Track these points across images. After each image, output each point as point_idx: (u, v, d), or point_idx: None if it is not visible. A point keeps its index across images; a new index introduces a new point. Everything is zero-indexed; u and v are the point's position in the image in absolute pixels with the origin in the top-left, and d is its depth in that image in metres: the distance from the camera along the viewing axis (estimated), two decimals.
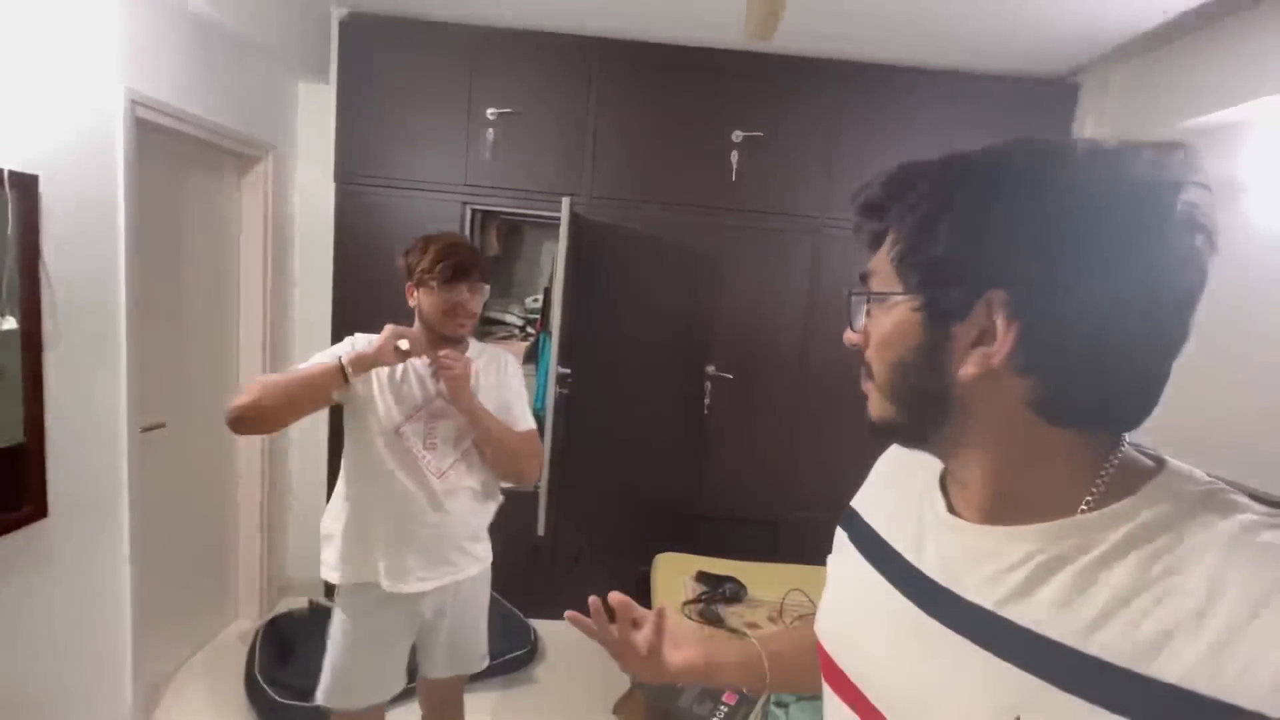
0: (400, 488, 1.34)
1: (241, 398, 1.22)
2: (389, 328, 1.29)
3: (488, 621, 1.56)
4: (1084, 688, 0.38)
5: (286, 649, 2.29)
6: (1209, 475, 0.42)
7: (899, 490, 0.60)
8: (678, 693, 1.31)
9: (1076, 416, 0.43)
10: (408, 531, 1.35)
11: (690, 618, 1.94)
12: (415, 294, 1.39)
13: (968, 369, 0.44)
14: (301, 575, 2.75)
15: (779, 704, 1.58)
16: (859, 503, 0.66)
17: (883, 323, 0.49)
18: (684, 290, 2.56)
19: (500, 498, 1.54)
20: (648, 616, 0.70)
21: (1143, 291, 0.40)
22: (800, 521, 2.65)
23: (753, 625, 1.93)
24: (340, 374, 1.25)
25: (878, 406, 0.51)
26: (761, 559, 2.41)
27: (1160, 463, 0.44)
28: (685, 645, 0.71)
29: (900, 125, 2.47)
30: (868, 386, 0.52)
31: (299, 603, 2.58)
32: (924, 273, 0.45)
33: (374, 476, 1.35)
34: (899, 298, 0.47)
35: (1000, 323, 0.42)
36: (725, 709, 1.27)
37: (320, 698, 1.42)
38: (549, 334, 2.41)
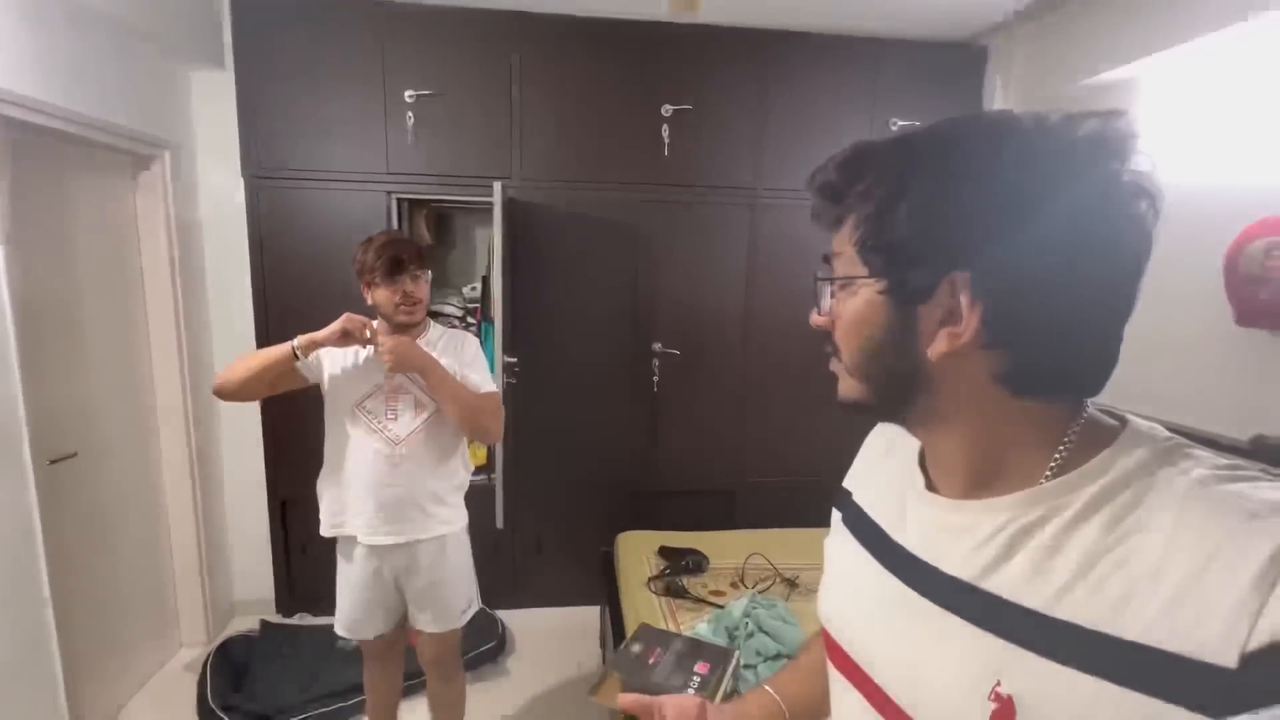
0: (364, 454, 1.53)
1: (220, 374, 1.49)
2: (345, 316, 1.45)
3: (468, 585, 1.70)
4: (1057, 651, 0.39)
5: (240, 673, 2.20)
6: (1168, 431, 0.44)
7: (884, 469, 0.61)
8: (651, 669, 1.34)
9: (1042, 386, 0.45)
10: (372, 492, 1.53)
11: (655, 594, 1.98)
12: (368, 292, 1.55)
13: (936, 348, 0.44)
14: (250, 595, 2.63)
15: (746, 665, 1.64)
16: (850, 482, 0.67)
17: (849, 306, 0.49)
18: (625, 269, 2.54)
19: (469, 466, 1.70)
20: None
21: (1098, 260, 0.41)
22: (754, 487, 2.72)
23: (717, 593, 1.98)
24: (292, 353, 1.45)
25: (847, 386, 0.51)
26: (720, 528, 2.47)
27: (1123, 422, 0.45)
28: None
29: (825, 92, 2.50)
30: (836, 367, 0.52)
31: (250, 623, 2.47)
32: (886, 256, 0.46)
33: (344, 444, 1.55)
34: (863, 281, 0.47)
35: (964, 301, 0.43)
36: (699, 678, 1.30)
37: (336, 627, 1.66)
38: (491, 323, 2.35)
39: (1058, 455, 0.44)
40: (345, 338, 1.45)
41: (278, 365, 1.46)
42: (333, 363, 1.55)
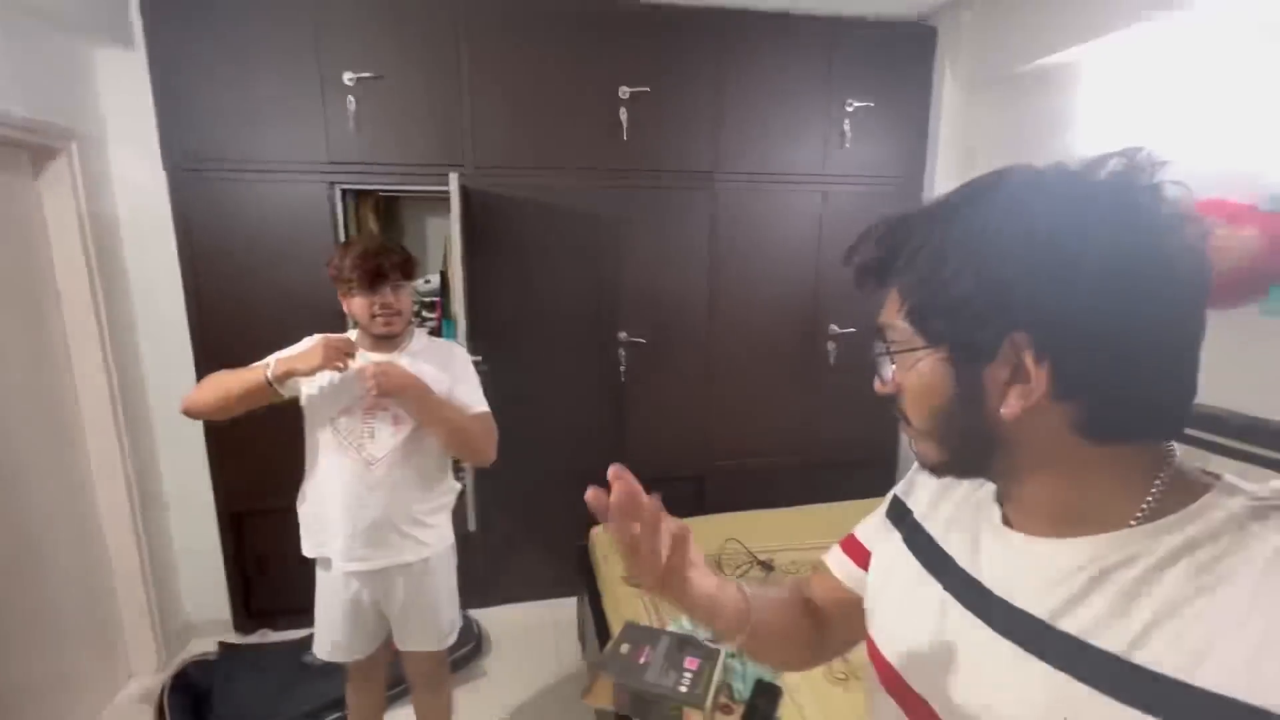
0: (339, 474, 1.45)
1: (190, 395, 1.40)
2: (323, 343, 1.34)
3: (451, 606, 1.64)
4: (1129, 695, 0.39)
5: (201, 698, 2.08)
6: (1262, 493, 0.44)
7: (954, 500, 0.60)
8: (643, 668, 1.32)
9: (1120, 430, 0.44)
10: (349, 515, 1.45)
11: (636, 587, 1.98)
12: (344, 300, 1.47)
13: (1010, 409, 0.44)
14: (204, 615, 2.49)
15: (732, 655, 1.67)
16: (909, 498, 0.66)
17: (912, 376, 0.49)
18: (587, 257, 2.48)
19: (455, 485, 1.63)
20: (661, 524, 0.58)
21: (1155, 296, 0.41)
22: (723, 472, 2.76)
23: None
24: (265, 380, 1.36)
25: (925, 449, 0.52)
26: (691, 514, 2.49)
27: (1216, 479, 0.45)
28: (703, 571, 0.63)
29: (782, 73, 2.48)
30: (909, 431, 0.53)
31: (207, 645, 2.34)
32: (944, 322, 0.46)
33: (320, 463, 1.47)
34: (923, 351, 0.48)
35: (1029, 360, 0.42)
36: (690, 674, 1.29)
37: (315, 649, 1.58)
38: (452, 320, 2.26)
39: (1146, 503, 0.44)
40: (325, 364, 1.34)
41: (253, 393, 1.37)
42: (310, 378, 1.45)
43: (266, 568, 2.43)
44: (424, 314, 2.61)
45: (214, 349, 2.19)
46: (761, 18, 2.42)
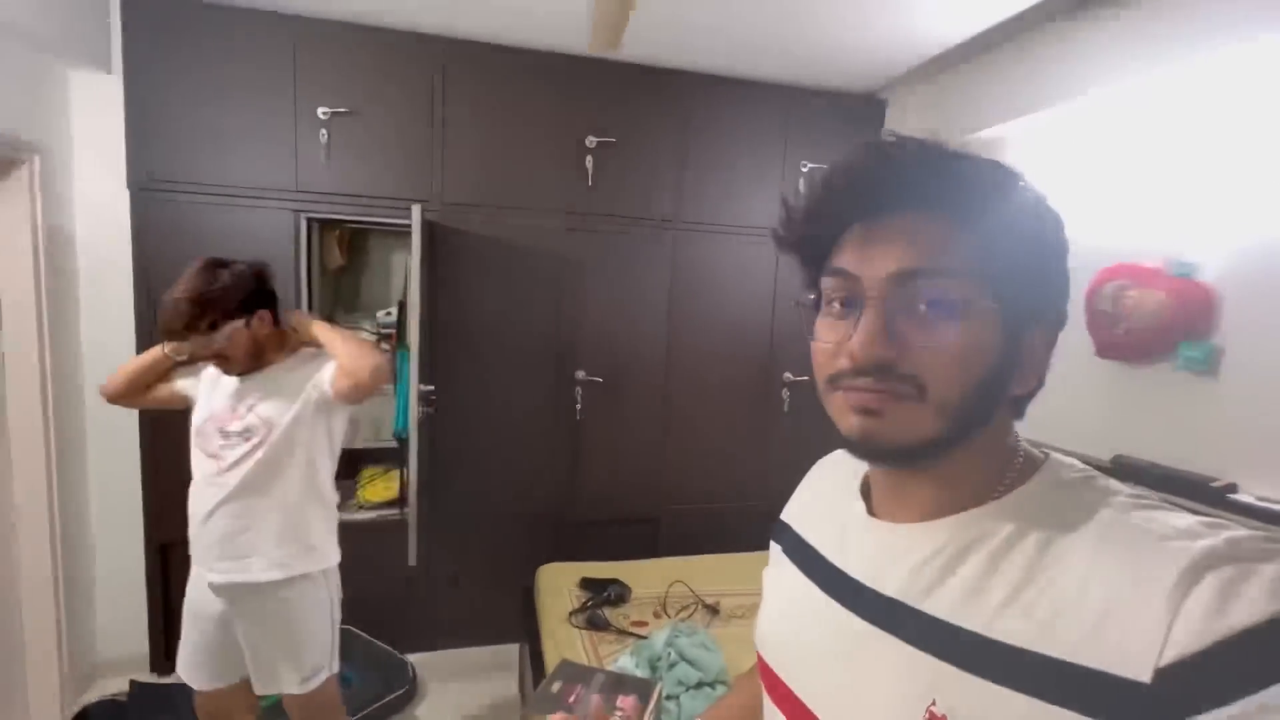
0: (202, 481, 1.46)
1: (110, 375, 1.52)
2: None
3: (318, 646, 1.50)
4: (990, 670, 0.40)
5: None
6: (1082, 463, 0.48)
7: (824, 499, 0.62)
8: (573, 707, 1.29)
9: (1024, 408, 0.49)
10: (205, 521, 1.44)
11: (577, 627, 1.93)
12: None
13: (1029, 383, 0.46)
14: (119, 653, 2.33)
15: (669, 696, 1.63)
16: (789, 515, 0.67)
17: (951, 333, 0.43)
18: (548, 296, 2.53)
19: (331, 504, 1.55)
20: None
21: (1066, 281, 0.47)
22: (677, 515, 2.74)
23: (639, 624, 1.96)
24: (165, 357, 1.48)
25: (923, 425, 0.44)
26: (643, 556, 2.46)
27: (1046, 454, 0.48)
28: None
29: (741, 133, 2.63)
30: (906, 406, 0.44)
31: (119, 684, 2.18)
32: (1014, 281, 0.44)
33: (191, 469, 1.48)
34: (989, 305, 0.43)
35: (1039, 334, 0.46)
36: (621, 714, 1.27)
37: (177, 668, 1.53)
38: (407, 350, 2.26)
39: (1006, 479, 0.46)
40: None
41: (154, 366, 1.48)
42: (196, 384, 1.55)
43: None
44: (381, 345, 2.61)
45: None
46: (723, 82, 2.59)
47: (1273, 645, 0.32)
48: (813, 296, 0.51)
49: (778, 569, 0.64)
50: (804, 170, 2.67)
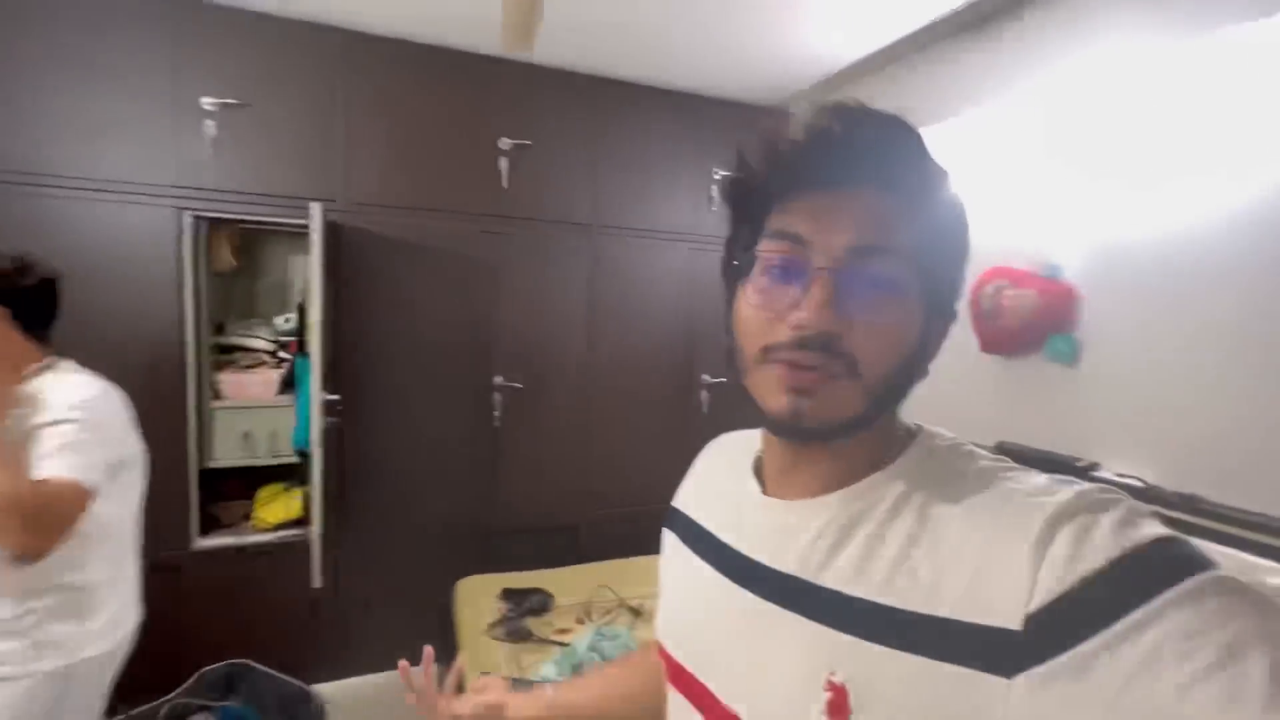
0: None
1: None
2: None
3: None
4: (883, 635, 0.41)
5: None
6: (949, 433, 0.50)
7: (717, 482, 0.62)
8: None
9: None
10: None
11: (498, 640, 1.88)
12: None
13: (925, 371, 0.48)
14: None
15: None
16: (681, 500, 0.67)
17: (892, 314, 0.44)
18: (463, 301, 2.46)
19: (38, 590, 1.13)
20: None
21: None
22: (600, 520, 2.72)
23: (563, 631, 1.93)
24: None
25: (849, 402, 0.44)
26: (567, 564, 2.43)
27: (918, 425, 0.50)
28: (522, 704, 0.72)
29: (655, 139, 2.67)
30: (838, 385, 0.44)
31: None
32: (946, 268, 0.47)
33: None
34: (917, 289, 0.45)
35: (941, 326, 0.49)
36: None
37: None
38: (308, 357, 2.12)
39: (891, 450, 0.48)
40: None
41: None
42: None
43: None
44: (280, 354, 2.44)
45: None
46: (636, 88, 2.62)
47: (1118, 582, 0.35)
48: (748, 255, 0.49)
49: (674, 557, 0.63)
50: (716, 177, 2.75)
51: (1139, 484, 1.51)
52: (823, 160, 0.44)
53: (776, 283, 0.46)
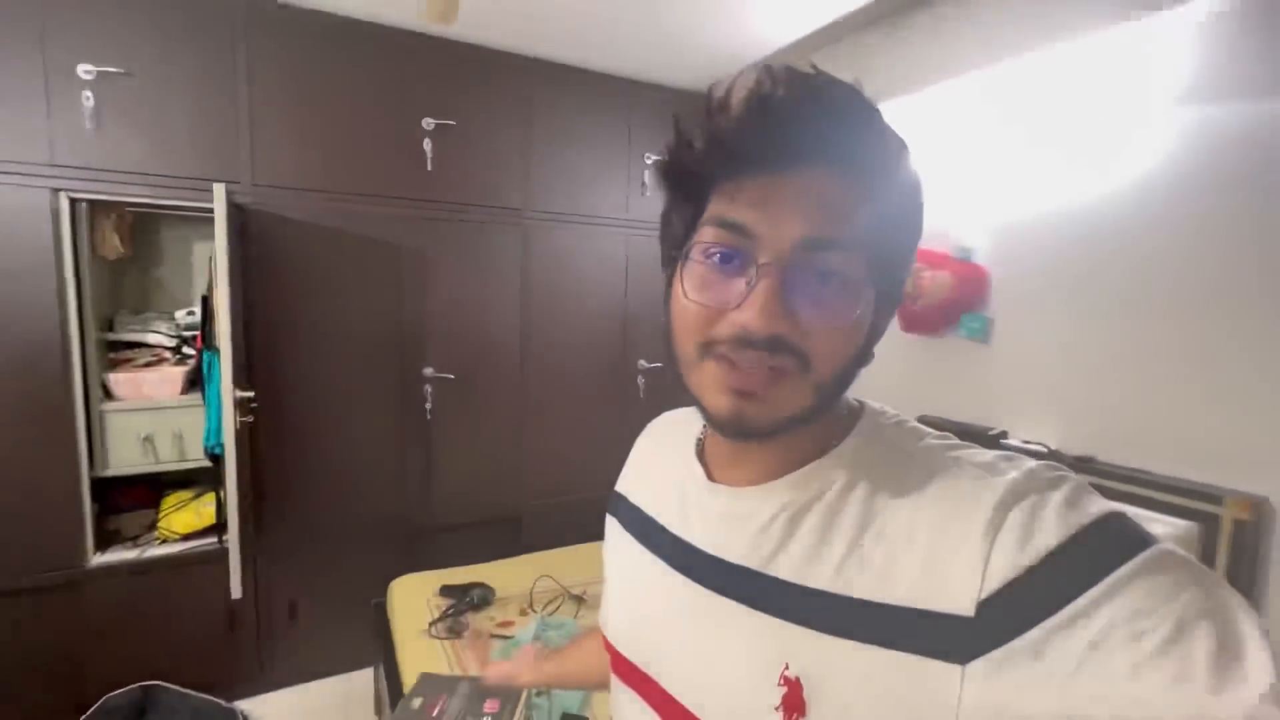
0: None
1: None
2: None
3: None
4: (837, 625, 0.40)
5: None
6: (897, 414, 0.49)
7: (660, 467, 0.59)
8: None
9: None
10: None
11: (438, 638, 1.82)
12: None
13: (878, 343, 0.46)
14: None
15: (540, 692, 1.59)
16: (624, 485, 0.64)
17: (845, 310, 0.41)
18: (388, 289, 2.34)
19: None
20: None
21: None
22: (539, 510, 2.69)
23: (505, 624, 1.90)
24: None
25: (801, 399, 0.42)
26: (507, 556, 2.38)
27: (860, 402, 0.49)
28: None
29: (586, 123, 2.62)
30: (785, 382, 0.41)
31: None
32: (896, 265, 0.43)
33: None
34: (869, 280, 0.41)
35: (888, 313, 0.46)
36: (490, 718, 1.22)
37: None
38: (216, 352, 1.96)
39: (836, 434, 0.46)
40: None
41: None
42: None
43: None
44: (183, 350, 2.24)
45: None
46: (566, 70, 2.56)
47: (1066, 566, 0.35)
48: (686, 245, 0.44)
49: (618, 546, 0.61)
50: (648, 162, 2.74)
51: (1043, 449, 1.65)
52: (769, 138, 0.39)
53: (718, 274, 0.41)
